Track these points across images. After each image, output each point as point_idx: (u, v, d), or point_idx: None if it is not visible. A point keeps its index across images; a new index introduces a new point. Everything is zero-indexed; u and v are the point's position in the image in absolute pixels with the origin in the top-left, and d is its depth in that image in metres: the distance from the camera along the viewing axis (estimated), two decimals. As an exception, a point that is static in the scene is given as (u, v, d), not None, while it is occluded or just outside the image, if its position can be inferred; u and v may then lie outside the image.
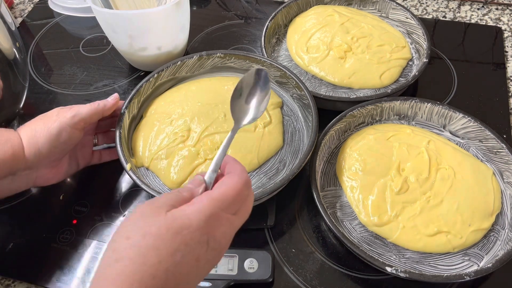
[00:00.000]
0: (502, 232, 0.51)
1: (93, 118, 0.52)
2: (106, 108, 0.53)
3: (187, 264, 0.30)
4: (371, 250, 0.50)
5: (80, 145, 0.56)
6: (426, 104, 0.60)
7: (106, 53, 0.78)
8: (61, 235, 0.55)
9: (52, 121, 0.49)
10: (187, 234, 0.30)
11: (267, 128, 0.59)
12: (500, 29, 0.79)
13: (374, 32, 0.71)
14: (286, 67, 0.62)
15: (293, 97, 0.63)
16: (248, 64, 0.65)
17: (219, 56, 0.64)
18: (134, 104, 0.59)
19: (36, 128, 0.49)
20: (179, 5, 0.64)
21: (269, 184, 0.55)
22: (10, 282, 0.52)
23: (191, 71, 0.65)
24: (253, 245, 0.53)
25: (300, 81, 0.60)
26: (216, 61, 0.65)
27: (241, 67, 0.66)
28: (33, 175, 0.51)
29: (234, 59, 0.65)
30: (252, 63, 0.64)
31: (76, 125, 0.50)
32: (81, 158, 0.56)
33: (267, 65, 0.63)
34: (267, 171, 0.57)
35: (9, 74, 0.56)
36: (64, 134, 0.49)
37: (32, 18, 0.86)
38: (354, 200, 0.53)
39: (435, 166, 0.55)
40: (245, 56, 0.64)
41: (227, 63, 0.65)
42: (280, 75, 0.63)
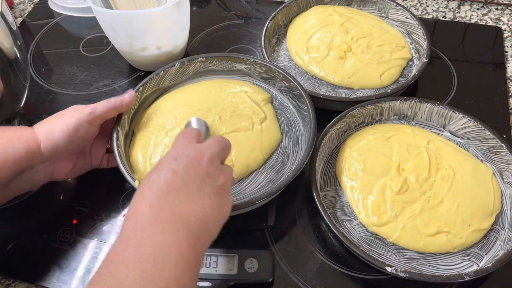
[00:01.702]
0: (502, 232, 0.51)
1: (109, 114, 0.53)
2: (122, 105, 0.54)
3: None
4: (371, 250, 0.50)
5: (95, 146, 0.57)
6: (426, 104, 0.60)
7: (106, 53, 0.78)
8: (61, 235, 0.55)
9: (70, 117, 0.50)
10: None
11: (264, 123, 0.59)
12: (500, 29, 0.79)
13: (374, 32, 0.71)
14: (269, 62, 0.62)
15: (281, 90, 0.64)
16: (230, 65, 0.65)
17: (201, 60, 0.63)
18: (125, 120, 0.57)
19: (54, 123, 0.50)
20: (179, 5, 0.64)
21: (277, 177, 0.55)
22: (10, 282, 0.52)
23: (174, 79, 0.64)
24: (253, 245, 0.53)
25: (287, 73, 0.61)
26: (198, 66, 0.64)
27: (223, 69, 0.65)
28: (51, 168, 0.52)
29: (215, 61, 0.64)
30: (234, 63, 0.64)
31: (93, 122, 0.51)
32: (94, 158, 0.57)
33: (250, 62, 0.63)
34: (272, 165, 0.57)
35: (10, 74, 0.56)
36: (81, 129, 0.50)
37: (32, 18, 0.86)
38: (354, 200, 0.54)
39: (435, 166, 0.55)
40: (226, 57, 0.64)
41: (209, 66, 0.65)
42: (265, 71, 0.63)
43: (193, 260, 0.34)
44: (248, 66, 0.64)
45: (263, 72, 0.64)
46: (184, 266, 0.32)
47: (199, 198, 0.37)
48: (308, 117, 0.57)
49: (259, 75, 0.65)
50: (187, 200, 0.37)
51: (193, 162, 0.40)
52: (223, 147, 0.44)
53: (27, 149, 0.48)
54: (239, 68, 0.65)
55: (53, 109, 0.69)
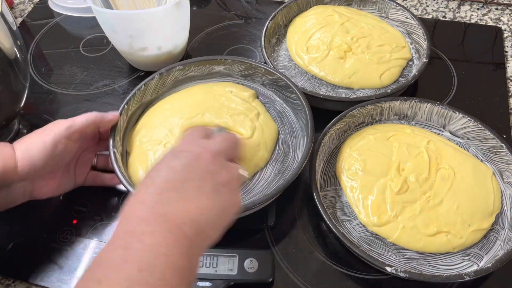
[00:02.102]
0: (502, 232, 0.51)
1: (89, 128, 0.51)
2: (104, 121, 0.52)
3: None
4: (371, 250, 0.50)
5: (79, 163, 0.55)
6: (426, 104, 0.60)
7: (106, 53, 0.78)
8: (61, 235, 0.55)
9: (47, 134, 0.49)
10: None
11: (260, 119, 0.59)
12: (500, 29, 0.79)
13: (374, 32, 0.71)
14: (248, 58, 0.63)
15: (264, 84, 0.64)
16: (208, 68, 0.64)
17: (179, 68, 0.62)
18: (118, 141, 0.55)
19: (31, 140, 0.48)
20: (179, 5, 0.64)
21: (283, 168, 0.56)
22: (10, 282, 0.52)
23: (155, 92, 0.62)
24: (253, 245, 0.53)
25: (269, 66, 0.61)
26: (177, 74, 0.63)
27: (202, 73, 0.64)
28: (29, 187, 0.50)
29: (194, 67, 0.63)
30: (212, 65, 0.64)
31: (71, 136, 0.50)
32: (78, 176, 0.56)
33: (229, 62, 0.63)
34: (276, 157, 0.58)
35: (10, 74, 0.56)
36: (59, 146, 0.49)
37: (32, 18, 0.86)
38: (354, 200, 0.54)
39: (435, 166, 0.55)
40: (204, 61, 0.63)
41: (188, 73, 0.64)
42: (245, 68, 0.63)
43: (185, 264, 0.31)
44: (227, 66, 0.64)
45: (243, 70, 0.64)
46: (173, 272, 0.30)
47: (196, 198, 0.35)
48: (300, 105, 0.58)
49: (239, 73, 0.64)
50: (183, 200, 0.34)
51: (194, 159, 0.37)
52: (230, 144, 0.42)
53: (3, 166, 0.46)
54: (218, 70, 0.64)
55: (53, 109, 0.69)
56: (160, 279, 0.29)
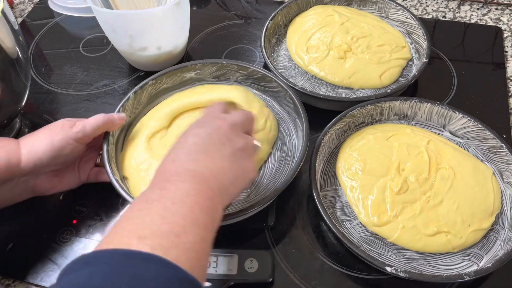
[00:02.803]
0: (502, 232, 0.51)
1: (98, 132, 0.52)
2: (113, 124, 0.53)
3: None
4: (371, 250, 0.50)
5: (83, 160, 0.56)
6: (426, 104, 0.60)
7: (106, 53, 0.78)
8: (61, 235, 0.55)
9: (56, 133, 0.50)
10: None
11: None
12: (500, 29, 0.79)
13: (374, 32, 0.71)
14: (218, 59, 0.63)
15: (239, 80, 0.65)
16: (179, 77, 0.63)
17: (151, 83, 0.61)
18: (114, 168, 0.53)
19: (39, 138, 0.49)
20: (179, 5, 0.64)
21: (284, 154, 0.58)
22: (10, 282, 0.52)
23: (133, 112, 0.61)
24: (253, 245, 0.53)
25: (241, 62, 0.62)
26: (150, 90, 0.62)
27: (174, 83, 0.64)
28: (31, 183, 0.51)
29: (165, 79, 0.62)
30: (183, 73, 0.63)
31: (81, 140, 0.51)
32: (83, 173, 0.56)
33: (199, 67, 0.63)
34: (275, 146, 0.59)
35: (12, 73, 0.56)
36: (68, 147, 0.50)
37: (32, 18, 0.86)
38: (354, 200, 0.54)
39: (435, 166, 0.55)
40: (174, 71, 0.62)
41: (161, 86, 0.63)
42: (217, 69, 0.64)
43: (210, 207, 0.36)
44: (198, 71, 0.64)
45: (214, 71, 0.64)
46: (200, 210, 0.35)
47: (217, 159, 0.40)
48: (281, 91, 0.60)
49: (211, 75, 0.65)
50: (207, 160, 0.39)
51: (215, 128, 0.42)
52: (246, 118, 0.46)
53: (7, 162, 0.47)
54: (190, 77, 0.64)
55: (53, 109, 0.69)
56: (189, 211, 0.34)
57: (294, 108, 0.59)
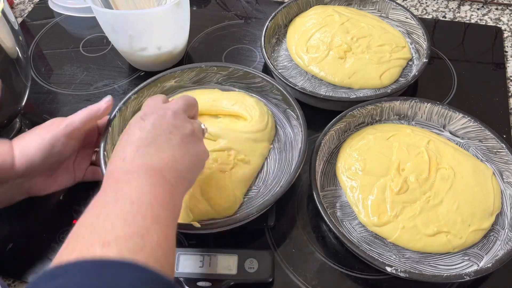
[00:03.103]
0: (502, 232, 0.51)
1: (88, 124, 0.51)
2: (99, 113, 0.51)
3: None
4: (371, 250, 0.50)
5: (79, 159, 0.55)
6: (426, 104, 0.60)
7: (106, 53, 0.78)
8: (61, 235, 0.55)
9: (46, 131, 0.49)
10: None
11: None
12: (500, 29, 0.79)
13: (374, 32, 0.71)
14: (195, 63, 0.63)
15: (220, 81, 0.65)
16: (159, 88, 0.62)
17: (134, 97, 0.59)
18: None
19: (30, 138, 0.48)
20: (179, 5, 0.64)
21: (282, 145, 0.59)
22: (10, 282, 0.52)
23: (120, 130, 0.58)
24: (253, 245, 0.53)
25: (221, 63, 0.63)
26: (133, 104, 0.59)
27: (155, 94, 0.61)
28: (27, 184, 0.51)
29: (146, 91, 0.60)
30: (163, 83, 0.62)
31: (71, 134, 0.49)
32: (78, 171, 0.56)
33: (178, 74, 0.62)
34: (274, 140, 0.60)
35: (12, 73, 0.56)
36: (58, 144, 0.49)
37: (32, 18, 0.86)
38: (354, 200, 0.54)
39: (435, 166, 0.55)
40: (154, 81, 0.60)
41: (142, 100, 0.60)
42: (196, 74, 0.63)
43: (169, 201, 0.36)
44: (177, 78, 0.63)
45: (194, 76, 0.63)
46: (159, 205, 0.34)
47: (168, 149, 0.39)
48: (267, 85, 0.61)
49: (191, 80, 0.64)
50: (157, 152, 0.38)
51: (159, 118, 0.42)
52: (187, 103, 0.46)
53: (1, 163, 0.46)
54: (169, 86, 0.63)
55: (53, 109, 0.69)
56: (149, 209, 0.33)
57: (283, 99, 0.60)
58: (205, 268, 0.49)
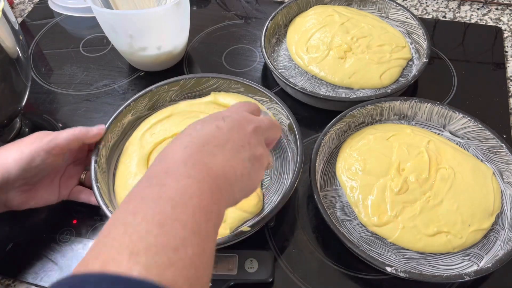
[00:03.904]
0: (502, 232, 0.51)
1: (72, 144, 0.49)
2: (88, 136, 0.50)
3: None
4: (371, 250, 0.50)
5: (66, 175, 0.54)
6: (426, 104, 0.60)
7: (106, 53, 0.78)
8: (61, 235, 0.55)
9: (26, 144, 0.47)
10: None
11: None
12: (500, 29, 0.79)
13: (374, 32, 0.71)
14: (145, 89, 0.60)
15: (173, 99, 0.63)
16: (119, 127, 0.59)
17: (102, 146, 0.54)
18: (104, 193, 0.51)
19: (9, 150, 0.47)
20: (179, 5, 0.64)
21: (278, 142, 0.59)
22: (10, 282, 0.52)
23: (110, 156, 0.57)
24: (253, 245, 0.53)
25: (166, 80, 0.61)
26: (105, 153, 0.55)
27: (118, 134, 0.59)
28: (3, 197, 0.49)
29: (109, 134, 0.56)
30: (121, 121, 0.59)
31: (52, 150, 0.48)
32: (64, 189, 0.54)
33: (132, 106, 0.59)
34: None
35: (12, 73, 0.56)
36: (37, 159, 0.47)
37: (32, 18, 0.86)
38: (354, 200, 0.54)
39: (435, 166, 0.55)
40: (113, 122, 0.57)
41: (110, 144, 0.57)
42: (149, 98, 0.61)
43: (213, 210, 0.33)
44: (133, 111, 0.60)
45: (147, 102, 0.61)
46: (203, 214, 0.31)
47: (233, 159, 0.36)
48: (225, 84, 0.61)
49: (146, 108, 0.62)
50: (221, 157, 0.36)
51: (238, 126, 0.39)
52: (273, 126, 0.43)
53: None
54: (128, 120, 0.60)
55: (53, 109, 0.70)
56: (190, 217, 0.30)
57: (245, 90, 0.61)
58: (205, 268, 0.48)
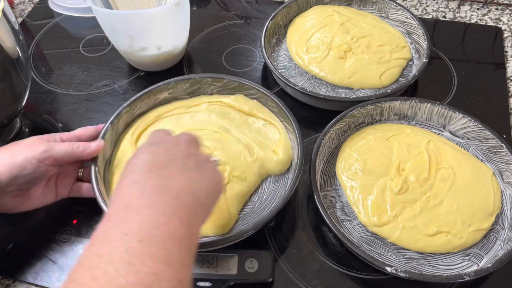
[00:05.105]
0: (502, 232, 0.51)
1: (66, 159, 0.49)
2: (84, 153, 0.50)
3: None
4: (371, 250, 0.50)
5: (62, 175, 0.53)
6: (426, 104, 0.60)
7: (106, 53, 0.78)
8: (61, 235, 0.55)
9: (20, 150, 0.47)
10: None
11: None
12: (500, 29, 0.79)
13: (374, 32, 0.71)
14: (190, 74, 0.61)
15: (214, 93, 0.63)
16: (153, 100, 0.61)
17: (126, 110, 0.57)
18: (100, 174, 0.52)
19: (2, 153, 0.47)
20: (179, 5, 0.64)
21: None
22: (10, 282, 0.52)
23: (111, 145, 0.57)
24: (253, 245, 0.53)
25: (215, 74, 0.61)
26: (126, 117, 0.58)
27: (149, 106, 0.61)
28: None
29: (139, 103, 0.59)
30: (156, 95, 0.60)
31: (45, 160, 0.47)
32: (61, 188, 0.53)
33: (172, 85, 0.60)
34: None
35: (12, 73, 0.56)
36: (29, 166, 0.46)
37: (32, 18, 0.86)
38: (354, 200, 0.54)
39: (435, 166, 0.55)
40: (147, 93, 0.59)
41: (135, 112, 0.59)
42: (190, 85, 0.62)
43: (184, 234, 0.31)
44: (171, 90, 0.61)
45: (188, 88, 0.62)
46: (173, 241, 0.30)
47: (184, 172, 0.36)
48: (262, 97, 0.59)
49: (185, 92, 0.62)
50: (172, 175, 0.35)
51: (173, 145, 0.39)
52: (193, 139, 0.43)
53: None
54: (163, 97, 0.62)
55: (53, 109, 0.70)
56: (161, 249, 0.29)
57: (278, 112, 0.59)
58: (205, 268, 0.49)
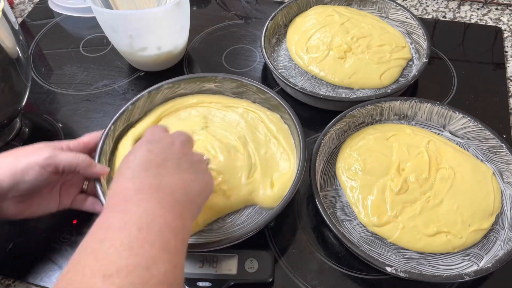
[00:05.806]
0: (502, 232, 0.51)
1: (69, 169, 0.48)
2: (88, 171, 0.49)
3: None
4: (371, 250, 0.51)
5: (67, 184, 0.52)
6: (426, 104, 0.60)
7: (106, 53, 0.78)
8: (61, 235, 0.55)
9: (24, 155, 0.46)
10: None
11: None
12: (500, 29, 0.79)
13: (374, 32, 0.71)
14: (240, 76, 0.60)
15: (256, 102, 0.62)
16: (199, 86, 0.62)
17: (168, 86, 0.60)
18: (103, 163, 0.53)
19: (6, 158, 0.46)
20: (179, 5, 0.64)
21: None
22: (10, 282, 0.52)
23: (143, 111, 0.60)
24: (253, 245, 0.53)
25: (261, 85, 0.59)
26: (166, 92, 0.61)
27: (192, 91, 0.63)
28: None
29: (183, 84, 0.61)
30: (202, 83, 0.62)
31: (47, 167, 0.46)
32: (65, 197, 0.52)
33: (219, 80, 0.61)
34: None
35: (12, 73, 0.56)
36: (31, 172, 0.45)
37: (32, 18, 0.86)
38: (354, 200, 0.54)
39: (435, 166, 0.55)
40: (195, 78, 0.61)
41: (178, 91, 0.62)
42: (236, 85, 0.61)
43: (179, 225, 0.34)
44: (218, 84, 0.62)
45: (234, 88, 0.62)
46: (170, 231, 0.33)
47: (178, 172, 0.39)
48: (292, 125, 0.57)
49: (231, 90, 0.62)
50: (168, 174, 0.38)
51: (168, 144, 0.41)
52: (188, 137, 0.45)
53: None
54: (209, 87, 0.62)
55: (53, 109, 0.70)
56: (158, 236, 0.32)
57: (297, 145, 0.56)
58: (205, 268, 0.49)
